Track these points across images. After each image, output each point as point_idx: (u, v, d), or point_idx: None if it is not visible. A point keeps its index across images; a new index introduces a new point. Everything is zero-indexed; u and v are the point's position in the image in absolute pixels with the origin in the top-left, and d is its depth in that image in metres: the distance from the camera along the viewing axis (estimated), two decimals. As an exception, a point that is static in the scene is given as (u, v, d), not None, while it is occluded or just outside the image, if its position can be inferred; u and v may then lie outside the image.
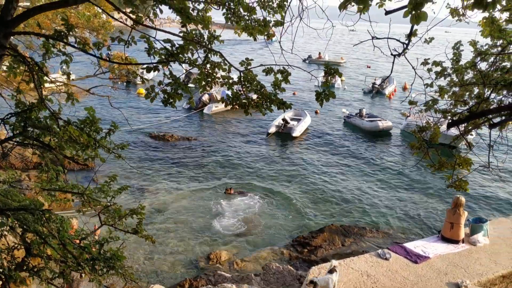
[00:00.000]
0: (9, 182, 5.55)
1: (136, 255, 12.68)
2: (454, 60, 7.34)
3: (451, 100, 7.63)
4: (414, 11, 2.35)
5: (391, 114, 34.60)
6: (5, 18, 3.88)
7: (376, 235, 14.39)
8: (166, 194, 17.52)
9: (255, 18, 5.94)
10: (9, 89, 9.58)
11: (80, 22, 11.43)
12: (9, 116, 4.39)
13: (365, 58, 72.73)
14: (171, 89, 5.22)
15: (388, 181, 20.31)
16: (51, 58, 4.85)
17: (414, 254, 10.12)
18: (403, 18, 2.49)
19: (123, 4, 5.04)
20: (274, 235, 14.62)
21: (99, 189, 6.17)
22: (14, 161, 18.19)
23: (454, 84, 7.45)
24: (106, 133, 5.24)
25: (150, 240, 6.55)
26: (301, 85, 42.03)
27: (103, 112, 25.55)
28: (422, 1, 2.34)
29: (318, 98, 5.34)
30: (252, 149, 24.20)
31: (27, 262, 4.80)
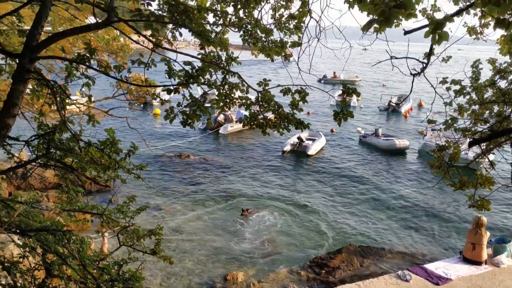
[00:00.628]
0: (30, 203, 5.61)
1: (152, 275, 12.64)
2: (473, 78, 7.28)
3: (471, 118, 7.56)
4: (435, 31, 2.35)
5: (408, 132, 34.29)
6: (30, 43, 3.99)
7: (396, 255, 14.12)
8: (182, 214, 17.52)
9: (272, 39, 6.01)
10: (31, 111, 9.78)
11: (100, 45, 11.69)
12: (33, 138, 4.48)
13: (380, 77, 72.66)
14: (190, 110, 5.27)
15: (406, 201, 20.01)
16: (73, 81, 4.95)
17: (436, 275, 9.90)
18: (424, 38, 2.50)
19: (143, 27, 5.16)
20: (291, 256, 14.46)
21: (118, 210, 6.22)
22: (33, 182, 18.44)
23: (474, 102, 7.38)
24: (126, 154, 5.29)
25: (168, 261, 6.54)
26: (316, 105, 42.06)
27: (120, 133, 25.87)
28: (443, 21, 2.35)
29: (336, 118, 5.33)
30: (267, 168, 24.17)
31: (47, 283, 4.82)
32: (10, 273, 3.76)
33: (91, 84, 4.80)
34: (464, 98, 7.53)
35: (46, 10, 4.14)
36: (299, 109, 5.61)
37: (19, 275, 3.99)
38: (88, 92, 5.88)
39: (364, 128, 33.66)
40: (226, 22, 5.73)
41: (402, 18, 2.45)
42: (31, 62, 3.98)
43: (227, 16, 5.85)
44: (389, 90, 55.80)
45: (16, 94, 3.90)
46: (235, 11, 5.92)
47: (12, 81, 3.96)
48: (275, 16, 6.22)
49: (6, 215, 4.99)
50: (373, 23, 2.27)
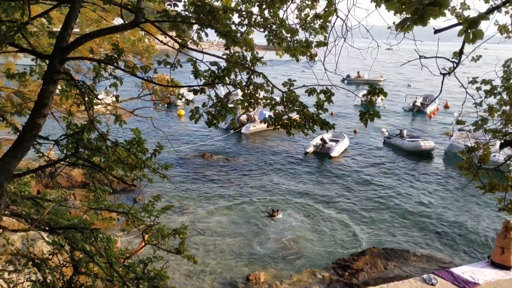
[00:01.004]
0: (58, 201, 5.72)
1: (175, 274, 12.74)
2: (505, 78, 7.08)
3: (501, 119, 7.35)
4: (469, 30, 2.29)
5: (433, 133, 33.66)
6: (60, 45, 4.07)
7: (421, 259, 13.86)
8: (205, 213, 17.63)
9: (297, 39, 5.98)
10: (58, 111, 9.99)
11: (125, 46, 11.85)
12: (62, 138, 4.56)
13: (405, 77, 71.58)
14: (215, 110, 5.29)
15: (432, 203, 19.66)
16: (101, 81, 5.03)
17: (463, 280, 9.71)
18: (458, 36, 2.43)
19: (169, 29, 5.20)
20: (313, 257, 14.38)
21: (143, 209, 6.28)
22: (61, 180, 18.84)
23: (505, 103, 7.18)
24: (152, 154, 5.34)
25: (192, 261, 6.57)
26: (339, 105, 41.72)
27: (145, 133, 26.09)
28: (478, 19, 2.28)
29: (362, 118, 5.27)
30: (290, 169, 24.09)
31: (75, 280, 4.90)
32: (40, 269, 3.84)
33: (118, 84, 4.86)
34: (494, 99, 7.33)
35: (76, 11, 4.22)
36: (324, 110, 5.56)
37: (48, 271, 4.07)
38: (115, 92, 5.97)
39: (388, 129, 33.19)
40: (251, 22, 5.72)
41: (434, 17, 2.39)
42: (61, 63, 4.05)
43: (252, 16, 5.84)
44: (414, 90, 54.90)
45: (46, 95, 3.98)
46: (260, 11, 5.91)
47: (43, 82, 4.04)
48: (301, 16, 6.19)
49: (36, 212, 5.11)
50: (407, 22, 2.22)
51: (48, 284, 3.81)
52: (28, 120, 3.92)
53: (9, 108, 5.22)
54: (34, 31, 5.90)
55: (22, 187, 5.99)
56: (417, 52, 4.21)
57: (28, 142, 3.90)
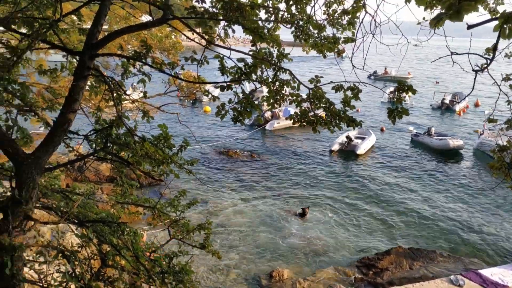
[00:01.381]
0: (87, 195, 5.85)
1: (200, 269, 12.86)
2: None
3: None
4: (505, 25, 2.21)
5: (462, 132, 32.89)
6: (90, 41, 4.15)
7: (448, 259, 13.59)
8: (229, 209, 17.71)
9: (324, 35, 5.93)
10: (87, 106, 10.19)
11: (153, 43, 11.99)
12: (92, 133, 4.65)
13: (433, 73, 70.14)
14: (240, 106, 5.29)
15: (460, 203, 19.24)
16: (129, 77, 5.10)
17: (491, 282, 9.49)
18: (493, 32, 2.35)
19: (196, 25, 5.23)
20: (337, 255, 14.28)
21: (169, 204, 6.35)
22: (89, 174, 19.24)
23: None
24: (178, 149, 5.39)
25: (217, 256, 6.62)
26: (365, 102, 41.19)
27: (170, 129, 26.37)
28: (515, 15, 2.20)
29: (390, 116, 5.19)
30: (315, 167, 23.95)
31: (102, 273, 5.00)
32: (69, 261, 3.94)
33: (146, 80, 4.92)
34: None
35: (105, 9, 4.29)
36: (351, 106, 5.50)
37: (77, 263, 4.16)
38: (142, 88, 6.05)
39: (416, 127, 32.59)
40: (278, 18, 5.70)
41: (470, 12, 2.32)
42: (91, 59, 4.13)
43: (279, 13, 5.82)
44: (442, 87, 53.74)
45: (76, 90, 4.07)
46: (287, 7, 5.88)
47: (73, 78, 4.13)
48: (328, 11, 6.12)
49: (65, 205, 5.23)
50: (442, 17, 2.16)
51: (77, 275, 3.90)
52: (59, 115, 4.01)
53: (41, 103, 5.34)
54: (65, 28, 6.03)
55: (53, 180, 6.14)
56: (448, 48, 4.10)
57: (58, 137, 3.99)
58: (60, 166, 4.52)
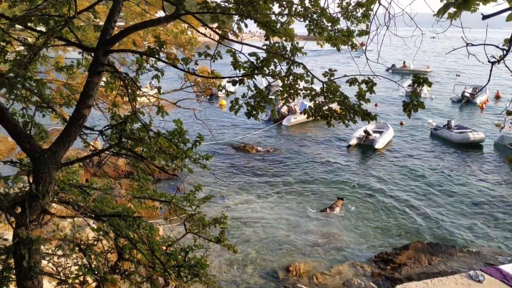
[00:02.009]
0: (104, 189, 5.94)
1: (216, 263, 12.95)
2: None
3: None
4: (520, 14, 2.15)
5: (483, 125, 32.27)
6: (104, 37, 4.19)
7: (467, 255, 13.40)
8: (246, 204, 17.77)
9: (338, 28, 5.87)
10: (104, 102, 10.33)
11: (168, 39, 12.06)
12: (106, 128, 4.71)
13: (453, 66, 68.90)
14: (254, 101, 5.29)
15: (480, 197, 18.91)
16: (144, 73, 5.15)
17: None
18: (506, 21, 2.30)
19: (209, 20, 5.24)
20: (355, 249, 14.21)
21: (184, 198, 6.41)
22: (108, 170, 19.52)
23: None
24: (193, 144, 5.43)
25: (232, 250, 6.66)
26: (384, 96, 40.73)
27: (187, 124, 26.49)
28: (529, 3, 2.14)
29: (405, 109, 5.12)
30: (333, 161, 23.82)
31: (119, 266, 5.09)
32: (85, 254, 4.01)
33: (160, 76, 4.95)
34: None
35: (119, 5, 4.32)
36: (366, 100, 5.44)
37: (94, 257, 4.24)
38: (157, 84, 6.09)
39: (435, 120, 32.09)
40: (292, 12, 5.67)
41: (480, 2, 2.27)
42: (105, 55, 4.18)
43: (293, 6, 5.78)
44: (462, 80, 52.76)
45: (91, 86, 4.12)
46: (300, 0, 5.83)
47: (88, 74, 4.19)
48: (342, 4, 6.06)
49: (83, 200, 5.32)
50: (450, 7, 2.11)
51: (92, 268, 3.98)
52: (74, 111, 4.08)
53: (58, 99, 5.44)
54: (81, 25, 6.11)
55: (71, 175, 6.25)
56: (463, 39, 4.02)
57: (74, 132, 4.06)
58: (76, 161, 4.61)
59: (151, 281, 5.49)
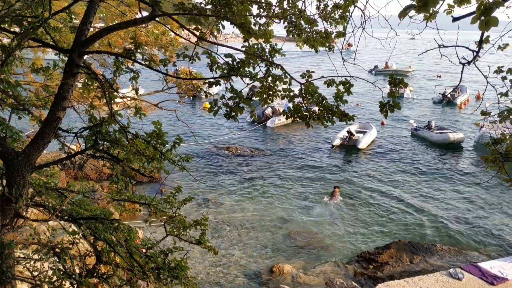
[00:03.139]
0: (82, 192, 5.87)
1: (200, 265, 12.91)
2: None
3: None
4: (483, 17, 2.20)
5: (463, 125, 32.80)
6: (79, 39, 4.15)
7: (447, 253, 13.60)
8: (230, 206, 17.75)
9: (316, 30, 5.92)
10: (85, 104, 10.22)
11: (149, 40, 11.99)
12: (82, 130, 4.67)
13: (435, 67, 69.84)
14: (233, 102, 5.30)
15: (460, 196, 19.22)
16: (121, 74, 5.11)
17: (491, 275, 9.49)
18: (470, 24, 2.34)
19: (187, 21, 5.23)
20: (338, 249, 14.30)
21: (164, 200, 6.37)
22: (90, 172, 19.32)
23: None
24: (172, 146, 5.41)
25: (213, 252, 6.64)
26: (366, 96, 41.10)
27: (171, 126, 26.49)
28: (492, 6, 2.19)
29: (382, 109, 5.20)
30: (316, 162, 23.95)
31: (97, 269, 5.04)
32: (60, 258, 3.96)
33: (137, 77, 4.92)
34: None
35: (94, 6, 4.29)
36: (344, 101, 5.49)
37: (69, 260, 4.19)
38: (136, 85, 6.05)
39: (417, 120, 32.50)
40: (270, 13, 5.70)
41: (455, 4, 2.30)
42: (80, 57, 4.14)
43: (271, 8, 5.81)
44: (444, 81, 53.56)
45: (66, 88, 4.08)
46: (279, 2, 5.87)
47: (63, 76, 4.14)
48: (320, 6, 6.11)
49: (60, 203, 5.26)
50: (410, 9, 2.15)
51: (68, 272, 3.93)
52: (48, 113, 4.03)
53: (34, 101, 5.36)
54: (58, 26, 6.03)
55: (49, 179, 6.17)
56: (436, 41, 4.09)
57: (49, 134, 4.01)
58: (51, 163, 4.55)
59: (131, 284, 5.44)
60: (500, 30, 5.54)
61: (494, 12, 2.23)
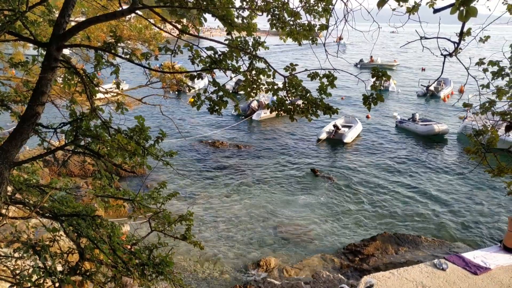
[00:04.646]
0: (64, 189, 5.78)
1: (187, 261, 12.87)
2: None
3: (510, 101, 7.16)
4: (462, 7, 2.19)
5: (447, 117, 33.21)
6: (57, 32, 4.06)
7: (432, 244, 13.76)
8: (216, 201, 17.71)
9: (299, 23, 5.88)
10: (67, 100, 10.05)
11: (133, 34, 11.84)
12: (62, 125, 4.58)
13: (420, 60, 70.43)
14: (216, 96, 5.25)
15: (444, 188, 19.46)
16: (102, 69, 5.02)
17: (474, 264, 9.60)
18: (450, 15, 2.34)
19: (169, 14, 5.16)
20: (324, 242, 14.38)
21: (148, 196, 6.31)
22: (74, 169, 19.07)
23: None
24: (155, 141, 5.34)
25: (199, 247, 6.61)
26: (351, 91, 41.28)
27: (156, 121, 26.28)
28: (471, -4, 2.19)
29: (365, 102, 5.20)
30: (303, 155, 24.02)
31: (80, 266, 4.97)
32: (40, 256, 3.89)
33: (119, 71, 4.85)
34: (503, 80, 7.13)
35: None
36: (328, 94, 5.49)
37: (50, 258, 4.12)
38: (118, 80, 5.96)
39: (401, 113, 32.80)
40: (253, 6, 5.65)
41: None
42: (58, 50, 4.05)
43: (254, 0, 5.76)
44: (428, 74, 54.05)
45: (44, 82, 3.99)
46: (261, -6, 5.82)
47: (41, 70, 4.05)
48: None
49: (41, 200, 5.16)
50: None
51: (48, 270, 3.86)
52: (26, 109, 3.94)
53: (13, 97, 5.25)
54: (36, 20, 5.90)
55: (31, 176, 6.06)
56: (418, 33, 4.11)
57: (27, 130, 3.93)
58: (29, 160, 4.46)
59: (115, 280, 5.39)
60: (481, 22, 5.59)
61: (474, 2, 2.23)
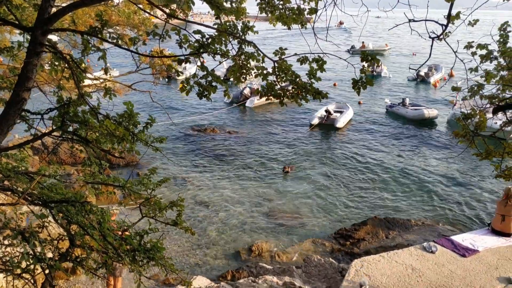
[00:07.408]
0: (53, 175, 5.74)
1: (179, 247, 12.92)
2: (501, 42, 6.90)
3: (499, 85, 7.21)
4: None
5: (437, 102, 33.40)
6: (42, 16, 3.99)
7: (422, 227, 13.93)
8: (208, 186, 17.74)
9: (288, 7, 5.84)
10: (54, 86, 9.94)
11: (121, 20, 11.69)
12: (48, 111, 4.53)
13: (411, 45, 70.41)
14: (205, 81, 5.21)
15: (433, 172, 19.63)
16: (89, 54, 4.96)
17: (462, 247, 9.77)
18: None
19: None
20: (315, 227, 14.50)
21: (139, 182, 6.30)
22: (64, 156, 18.95)
23: (502, 68, 7.02)
24: (144, 127, 5.31)
25: (190, 232, 6.63)
26: (343, 76, 41.26)
27: (146, 108, 26.10)
28: (458, -23, 2.17)
29: (355, 86, 5.20)
30: (295, 141, 24.07)
31: (70, 253, 4.97)
32: (29, 242, 3.88)
33: (105, 56, 4.79)
34: (491, 64, 7.16)
35: (57, -18, 4.12)
36: (317, 78, 5.48)
37: (39, 244, 4.11)
38: (106, 65, 5.89)
39: (392, 98, 32.92)
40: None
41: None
42: (44, 35, 3.98)
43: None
44: (419, 59, 54.11)
45: (30, 68, 3.93)
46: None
47: (26, 55, 3.99)
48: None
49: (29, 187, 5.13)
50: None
51: (37, 256, 3.86)
52: (12, 94, 3.89)
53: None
54: (21, 4, 5.80)
55: (19, 163, 6.02)
56: (406, 16, 4.10)
57: (13, 116, 3.88)
58: (16, 147, 4.42)
59: (106, 266, 5.40)
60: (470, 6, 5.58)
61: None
